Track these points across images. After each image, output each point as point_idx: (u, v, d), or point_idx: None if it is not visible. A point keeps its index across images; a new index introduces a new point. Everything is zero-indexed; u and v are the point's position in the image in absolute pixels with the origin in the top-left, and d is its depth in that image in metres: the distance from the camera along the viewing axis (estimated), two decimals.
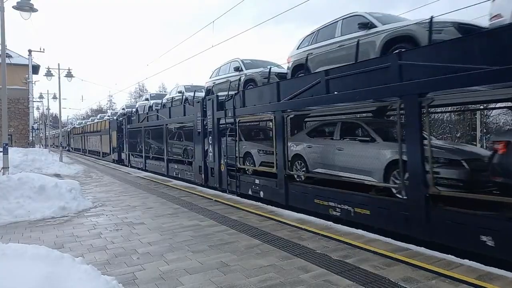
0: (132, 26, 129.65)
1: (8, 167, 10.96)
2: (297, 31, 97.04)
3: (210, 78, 13.99)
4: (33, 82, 34.25)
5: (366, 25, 7.82)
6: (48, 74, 25.85)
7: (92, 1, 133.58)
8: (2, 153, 11.16)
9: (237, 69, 12.19)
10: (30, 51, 31.60)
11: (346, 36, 8.26)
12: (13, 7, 12.02)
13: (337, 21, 8.81)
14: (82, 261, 3.49)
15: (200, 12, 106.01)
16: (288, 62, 10.17)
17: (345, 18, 8.58)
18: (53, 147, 51.95)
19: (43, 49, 32.42)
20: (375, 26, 7.68)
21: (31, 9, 12.19)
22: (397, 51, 6.73)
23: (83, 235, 6.37)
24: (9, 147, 11.70)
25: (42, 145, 51.28)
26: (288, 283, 4.07)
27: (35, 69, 33.83)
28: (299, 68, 9.58)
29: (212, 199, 9.47)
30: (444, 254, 4.83)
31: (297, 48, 9.96)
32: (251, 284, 4.07)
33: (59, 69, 25.64)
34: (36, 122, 47.45)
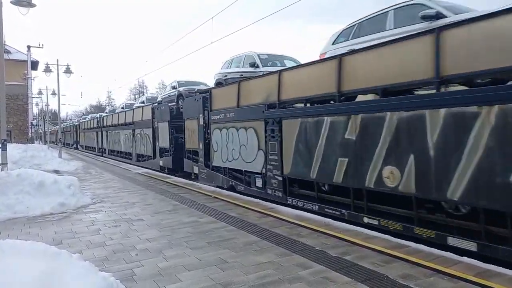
0: (131, 24, 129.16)
1: (7, 163, 10.93)
2: (306, 25, 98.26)
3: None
4: (32, 78, 34.12)
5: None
6: (47, 70, 25.71)
7: None
8: (1, 149, 11.13)
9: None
10: (29, 47, 31.39)
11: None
12: (11, 2, 11.92)
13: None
14: (79, 257, 3.48)
15: (200, 12, 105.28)
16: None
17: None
18: (55, 143, 51.52)
19: (42, 45, 31.93)
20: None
21: (29, 4, 12.07)
22: None
23: (82, 231, 6.36)
24: (8, 143, 11.67)
25: (41, 141, 51.09)
26: (287, 280, 4.07)
27: (34, 65, 33.66)
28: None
29: (211, 196, 9.47)
30: (443, 252, 4.82)
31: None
32: (249, 281, 4.06)
33: (57, 65, 25.52)
34: (35, 118, 47.39)
